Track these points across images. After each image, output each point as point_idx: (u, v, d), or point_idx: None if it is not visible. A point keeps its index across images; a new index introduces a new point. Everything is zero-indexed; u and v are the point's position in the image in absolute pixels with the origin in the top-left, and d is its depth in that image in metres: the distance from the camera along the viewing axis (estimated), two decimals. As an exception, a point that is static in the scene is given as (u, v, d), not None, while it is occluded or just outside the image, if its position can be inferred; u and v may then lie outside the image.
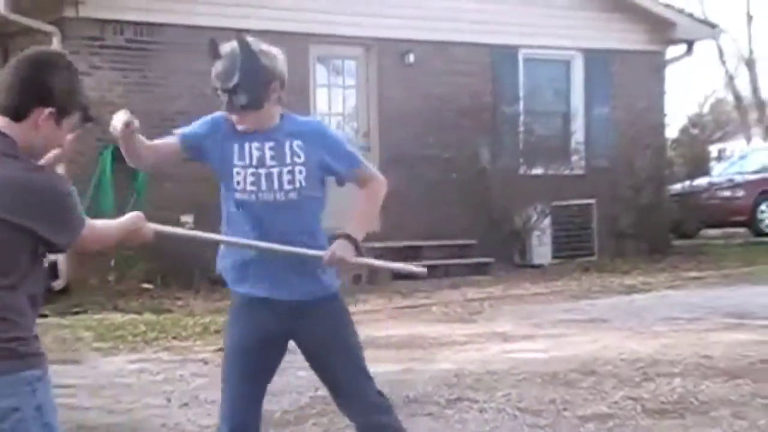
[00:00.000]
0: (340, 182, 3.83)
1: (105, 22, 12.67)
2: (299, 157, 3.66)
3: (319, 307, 3.72)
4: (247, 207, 3.65)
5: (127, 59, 12.50)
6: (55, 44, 12.40)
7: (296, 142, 3.67)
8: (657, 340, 8.33)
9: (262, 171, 3.63)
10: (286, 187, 3.64)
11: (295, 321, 3.70)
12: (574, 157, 15.55)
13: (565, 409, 6.02)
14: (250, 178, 3.64)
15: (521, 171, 14.94)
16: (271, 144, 3.65)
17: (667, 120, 17.40)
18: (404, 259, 13.39)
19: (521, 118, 15.16)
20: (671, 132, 18.67)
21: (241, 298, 3.75)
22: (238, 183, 3.65)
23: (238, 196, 3.65)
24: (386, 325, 9.66)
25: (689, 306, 10.32)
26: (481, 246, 14.14)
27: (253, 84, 3.59)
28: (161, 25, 12.92)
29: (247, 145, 3.65)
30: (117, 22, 12.73)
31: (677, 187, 17.48)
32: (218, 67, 3.66)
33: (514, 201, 14.54)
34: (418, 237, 13.87)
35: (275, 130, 3.68)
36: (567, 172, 15.30)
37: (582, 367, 7.13)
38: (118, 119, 3.49)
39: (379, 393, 3.82)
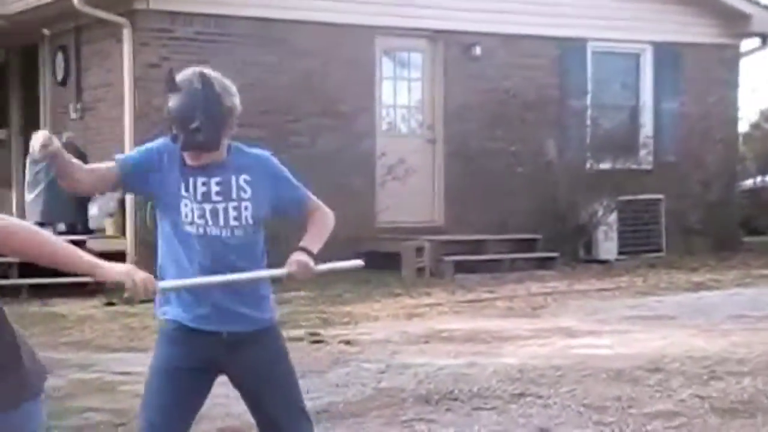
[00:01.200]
0: (285, 217, 3.74)
1: (175, 13, 12.80)
2: (245, 192, 3.54)
3: (255, 338, 3.55)
4: (195, 240, 3.50)
5: (196, 51, 12.59)
6: (126, 36, 12.57)
7: (243, 177, 3.54)
8: (725, 338, 8.18)
9: (207, 206, 3.51)
10: (232, 223, 3.52)
11: (228, 353, 3.53)
12: (643, 152, 15.35)
13: (630, 407, 5.93)
14: (197, 212, 3.50)
15: (588, 165, 14.79)
16: (217, 179, 3.52)
17: (739, 114, 17.10)
18: (469, 253, 13.40)
19: (589, 111, 14.99)
20: (742, 127, 18.35)
21: (173, 325, 3.56)
22: (186, 215, 3.50)
23: (186, 228, 3.51)
24: (449, 319, 9.62)
25: (759, 304, 10.12)
26: (546, 240, 14.02)
27: (215, 127, 3.46)
28: (230, 17, 13.01)
29: (191, 180, 3.51)
30: (187, 14, 12.85)
31: (748, 182, 17.16)
32: (177, 102, 3.48)
33: (581, 195, 14.40)
34: (482, 231, 13.80)
35: (222, 164, 3.54)
36: (635, 166, 15.11)
37: (648, 364, 7.02)
38: (36, 140, 3.33)
39: None
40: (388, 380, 6.79)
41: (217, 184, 3.52)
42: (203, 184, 3.51)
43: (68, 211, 13.19)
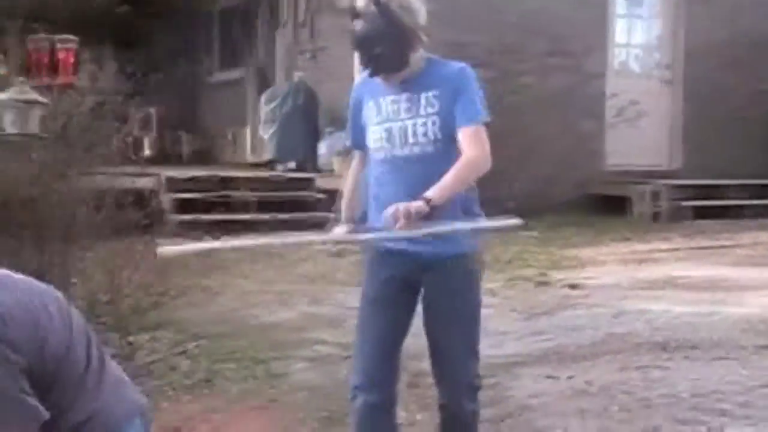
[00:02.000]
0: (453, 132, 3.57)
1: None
2: (433, 107, 3.51)
3: (448, 264, 3.55)
4: (383, 165, 3.56)
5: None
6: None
7: (432, 92, 3.52)
8: None
9: (394, 125, 3.52)
10: (420, 139, 3.50)
11: (423, 274, 3.57)
12: None
13: None
14: (384, 134, 3.53)
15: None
16: (406, 96, 3.53)
17: None
18: (706, 198, 12.81)
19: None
20: None
21: (377, 249, 3.63)
22: (375, 141, 3.57)
23: (376, 155, 3.59)
24: (685, 265, 9.21)
25: None
26: (789, 187, 13.23)
27: (397, 48, 3.47)
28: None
29: (382, 101, 3.57)
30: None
31: None
32: (357, 30, 3.54)
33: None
34: (720, 176, 13.16)
35: (414, 81, 3.54)
36: None
37: None
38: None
39: (478, 376, 3.64)
40: (622, 325, 6.57)
41: (407, 100, 3.53)
42: (393, 102, 3.54)
43: (299, 149, 13.50)
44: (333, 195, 10.14)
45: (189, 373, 5.85)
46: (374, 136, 3.57)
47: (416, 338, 3.70)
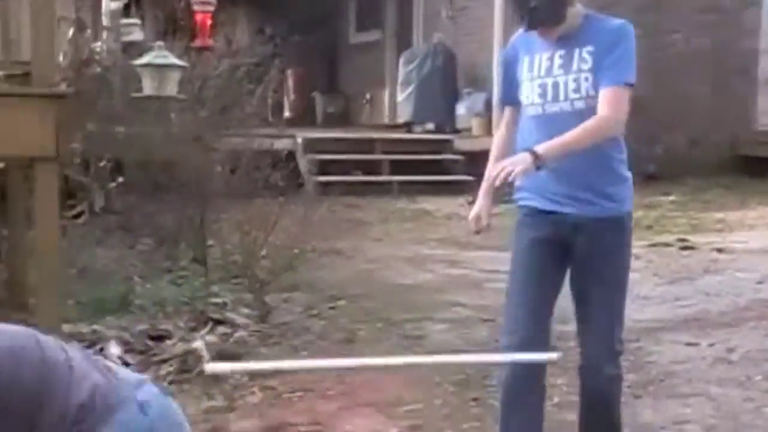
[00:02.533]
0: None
1: None
2: (587, 63, 3.39)
3: (598, 225, 3.45)
4: (535, 121, 3.47)
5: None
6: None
7: (587, 48, 3.40)
8: None
9: (548, 81, 3.44)
10: (572, 96, 3.39)
11: (575, 235, 3.47)
12: None
13: None
14: (537, 90, 3.45)
15: None
16: (561, 52, 3.43)
17: None
18: None
19: None
20: None
21: (527, 210, 3.55)
22: (527, 97, 3.48)
23: (528, 111, 3.51)
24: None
25: None
26: None
27: (553, 1, 3.38)
28: None
29: (537, 57, 3.48)
30: None
31: None
32: None
33: None
34: None
35: (570, 37, 3.42)
36: None
37: None
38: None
39: (621, 341, 3.51)
40: (766, 291, 6.29)
41: (561, 57, 3.44)
42: (548, 59, 3.46)
43: (437, 110, 13.37)
44: (471, 156, 9.96)
45: (323, 335, 5.83)
46: (527, 92, 3.49)
47: (559, 300, 3.58)
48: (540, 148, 3.27)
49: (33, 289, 6.56)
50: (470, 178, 11.24)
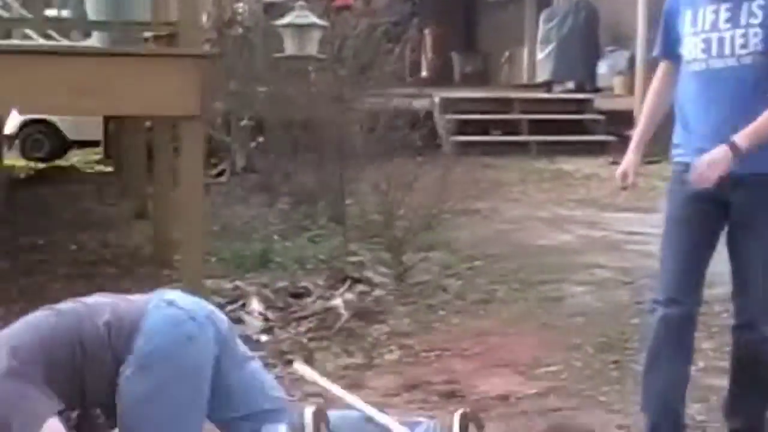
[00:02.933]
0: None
1: None
2: (756, 17, 3.22)
3: (760, 182, 3.30)
4: (696, 77, 3.33)
5: None
6: None
7: (756, 2, 3.23)
8: None
9: (713, 35, 3.28)
10: (739, 51, 3.24)
11: (733, 191, 3.32)
12: None
13: None
14: (700, 45, 3.30)
15: None
16: (727, 5, 3.28)
17: None
18: None
19: None
20: None
21: (682, 167, 3.39)
22: (689, 52, 3.33)
23: (687, 66, 3.36)
24: None
25: None
26: None
27: None
28: None
29: (701, 10, 3.32)
30: None
31: None
32: None
33: None
34: None
35: None
36: None
37: None
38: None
39: None
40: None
41: (727, 10, 3.29)
42: (712, 12, 3.31)
43: (577, 69, 13.12)
44: (612, 116, 9.69)
45: (460, 295, 5.82)
46: (689, 47, 3.36)
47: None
48: (739, 138, 3.18)
49: (177, 245, 6.75)
50: (611, 138, 11.02)
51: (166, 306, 2.61)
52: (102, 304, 2.61)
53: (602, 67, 12.96)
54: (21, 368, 2.43)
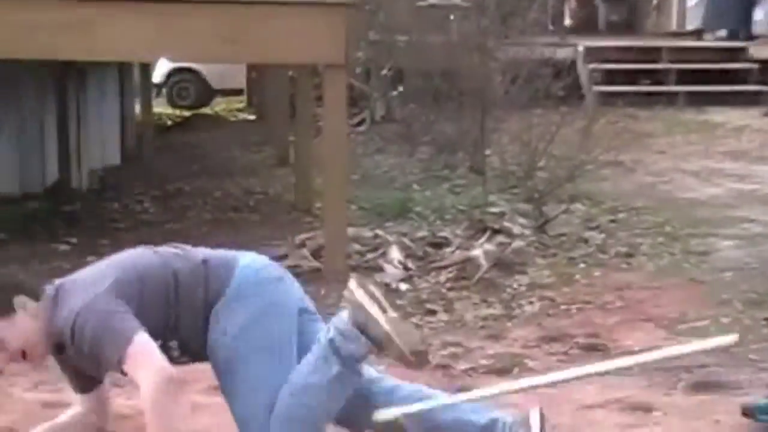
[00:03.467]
0: None
1: None
2: None
3: None
4: None
5: None
6: None
7: None
8: None
9: None
10: None
11: None
12: None
13: None
14: None
15: None
16: None
17: None
18: None
19: None
20: None
21: None
22: None
23: None
24: None
25: None
26: None
27: None
28: None
29: None
30: None
31: None
32: None
33: None
34: None
35: None
36: None
37: None
38: None
39: None
40: None
41: None
42: None
43: (731, 16, 12.61)
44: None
45: (603, 248, 5.70)
46: None
47: None
48: None
49: (319, 193, 6.82)
50: (766, 88, 10.61)
51: (255, 255, 2.84)
52: (197, 250, 2.81)
53: (758, 14, 12.42)
54: (118, 290, 2.60)
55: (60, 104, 7.45)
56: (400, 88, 10.33)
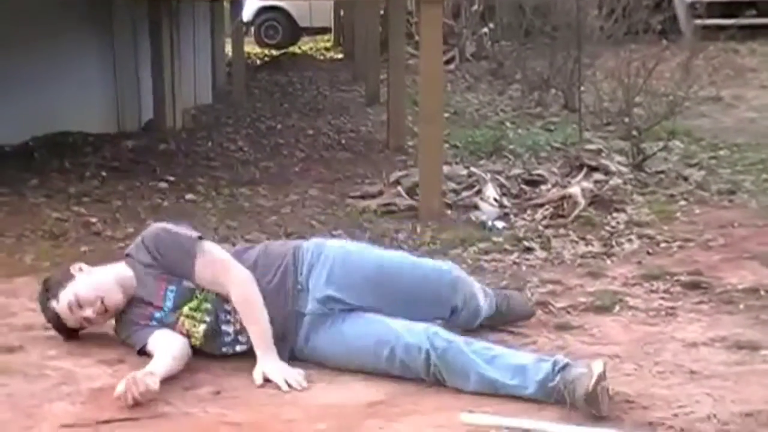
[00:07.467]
0: None
1: None
2: None
3: None
4: None
5: None
6: None
7: None
8: None
9: None
10: None
11: None
12: None
13: None
14: None
15: None
16: None
17: None
18: None
19: None
20: None
21: None
22: None
23: None
24: None
25: None
26: None
27: None
28: None
29: None
30: None
31: None
32: None
33: None
34: None
35: None
36: None
37: None
38: None
39: None
40: None
41: None
42: None
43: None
44: None
45: (703, 185, 5.58)
46: None
47: None
48: None
49: (411, 131, 6.79)
50: None
51: (340, 243, 3.37)
52: (286, 243, 3.43)
53: None
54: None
55: (154, 43, 7.51)
56: (491, 25, 10.19)
